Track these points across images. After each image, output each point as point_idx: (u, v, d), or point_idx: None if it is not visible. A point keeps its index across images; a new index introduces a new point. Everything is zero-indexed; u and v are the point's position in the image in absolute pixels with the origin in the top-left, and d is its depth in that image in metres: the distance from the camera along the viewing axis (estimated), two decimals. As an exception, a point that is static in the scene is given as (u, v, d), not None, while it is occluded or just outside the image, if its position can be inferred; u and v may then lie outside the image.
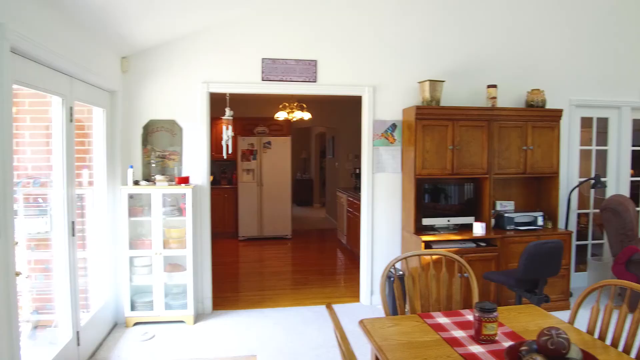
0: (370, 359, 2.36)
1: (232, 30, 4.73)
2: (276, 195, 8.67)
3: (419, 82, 4.87)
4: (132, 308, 4.45)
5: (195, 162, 4.74)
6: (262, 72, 4.79)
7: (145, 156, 4.65)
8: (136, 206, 4.49)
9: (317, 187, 13.24)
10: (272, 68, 4.79)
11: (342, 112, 9.34)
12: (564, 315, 4.14)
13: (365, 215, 5.04)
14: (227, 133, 4.89)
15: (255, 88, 4.82)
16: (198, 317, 4.68)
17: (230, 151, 4.90)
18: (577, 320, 2.51)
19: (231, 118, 4.97)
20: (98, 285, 4.25)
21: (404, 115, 4.91)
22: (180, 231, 4.49)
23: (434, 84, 4.73)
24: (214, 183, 8.80)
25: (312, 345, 4.04)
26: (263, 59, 4.78)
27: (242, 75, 4.77)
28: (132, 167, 4.45)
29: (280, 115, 7.87)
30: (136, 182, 4.47)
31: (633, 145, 5.92)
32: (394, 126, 4.98)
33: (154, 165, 4.66)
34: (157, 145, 4.67)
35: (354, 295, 5.35)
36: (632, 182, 5.97)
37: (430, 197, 4.94)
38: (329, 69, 4.89)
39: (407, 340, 2.18)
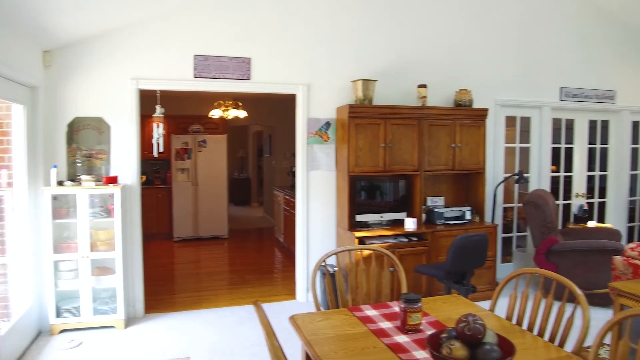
0: (301, 355, 2.38)
1: (163, 26, 4.61)
2: (212, 194, 8.54)
3: (352, 81, 4.94)
4: (58, 315, 4.24)
5: (125, 162, 4.59)
6: (195, 69, 4.70)
7: (71, 155, 4.45)
8: (61, 208, 4.28)
9: (255, 186, 13.15)
10: (204, 65, 4.71)
11: (279, 110, 9.33)
12: (489, 304, 4.35)
13: (300, 213, 5.06)
14: (157, 131, 4.76)
15: (187, 85, 4.72)
16: (129, 321, 4.54)
17: (161, 150, 4.78)
18: (500, 307, 2.63)
19: (162, 116, 4.85)
20: (20, 292, 4.02)
21: (338, 113, 4.98)
22: (108, 233, 4.33)
23: (367, 83, 4.82)
24: (146, 183, 8.56)
25: (246, 344, 4.02)
26: (195, 55, 4.69)
27: (174, 71, 4.66)
28: (55, 166, 4.23)
29: (215, 114, 7.76)
30: (60, 183, 4.26)
31: (553, 143, 6.30)
32: (328, 124, 5.04)
33: (79, 164, 4.46)
34: (83, 144, 4.48)
35: (291, 293, 5.37)
36: (552, 177, 6.34)
37: (366, 195, 5.03)
38: (263, 67, 4.87)
39: (336, 333, 2.21)
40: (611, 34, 6.41)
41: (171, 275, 6.37)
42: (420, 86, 5.13)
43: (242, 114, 7.88)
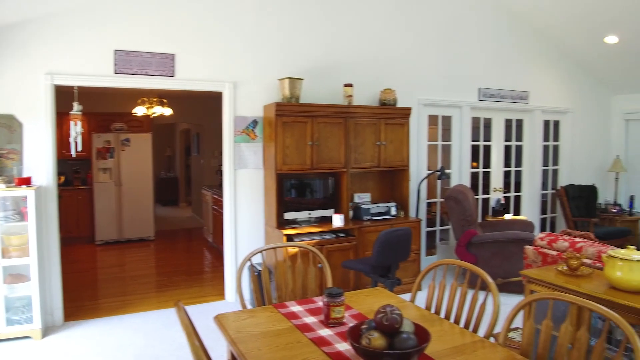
0: (226, 354, 2.36)
1: (81, 18, 4.38)
2: (137, 195, 8.24)
3: (279, 80, 4.95)
4: (-35, 327, 3.95)
5: (39, 162, 4.34)
6: (115, 65, 4.52)
7: (-23, 155, 4.15)
8: (-33, 211, 3.99)
9: (183, 186, 12.83)
10: (125, 61, 4.55)
11: (206, 107, 9.16)
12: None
13: (228, 212, 5.01)
14: (75, 129, 4.54)
15: (107, 82, 4.54)
16: (47, 330, 4.30)
17: (80, 149, 4.56)
18: (422, 297, 2.74)
19: (80, 113, 4.62)
20: None
21: (265, 111, 4.97)
22: (22, 238, 4.08)
23: (294, 81, 4.84)
24: (65, 184, 8.14)
25: (173, 348, 3.93)
26: (116, 50, 4.51)
27: (93, 67, 4.45)
28: (-41, 167, 3.94)
29: (139, 111, 7.50)
30: (-34, 185, 3.96)
31: (472, 141, 6.62)
32: (255, 122, 5.01)
33: (-13, 165, 4.17)
34: (-9, 143, 4.19)
35: (220, 293, 5.30)
36: (472, 173, 6.67)
37: (295, 192, 5.06)
38: (188, 64, 4.76)
39: (260, 330, 2.22)
40: (524, 38, 6.82)
41: (94, 280, 6.10)
42: (346, 85, 5.23)
43: (167, 111, 7.66)
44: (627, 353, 2.55)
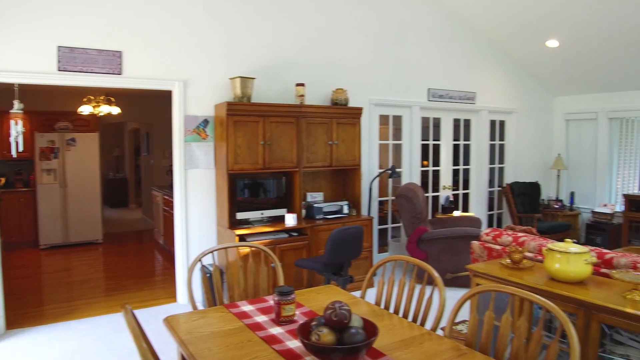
0: (177, 356, 2.33)
1: (23, 12, 4.20)
2: (83, 196, 7.97)
3: (231, 79, 4.91)
4: None
5: (-24, 162, 4.14)
6: (59, 62, 4.36)
7: None
8: None
9: (133, 187, 12.50)
10: (70, 57, 4.39)
11: (156, 106, 8.95)
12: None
13: (179, 213, 4.93)
14: (16, 128, 4.35)
15: (50, 79, 4.36)
16: (-14, 339, 4.11)
17: (21, 149, 4.37)
18: (374, 293, 2.78)
19: (21, 112, 4.44)
20: None
21: (216, 111, 4.92)
22: (-43, 242, 3.89)
23: (245, 80, 4.82)
24: (6, 186, 7.78)
25: (123, 353, 3.83)
26: (59, 47, 4.35)
27: (35, 64, 4.27)
28: None
29: (85, 110, 7.26)
30: None
31: (423, 140, 6.77)
32: (206, 122, 4.95)
33: None
34: None
35: (171, 295, 5.21)
36: (422, 171, 6.83)
37: (249, 192, 5.03)
38: (136, 61, 4.65)
39: (211, 331, 2.20)
40: (472, 41, 7.04)
41: (38, 286, 5.86)
42: (298, 85, 5.24)
43: (115, 110, 7.45)
44: (564, 340, 2.69)
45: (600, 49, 6.50)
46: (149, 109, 9.30)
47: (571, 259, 2.85)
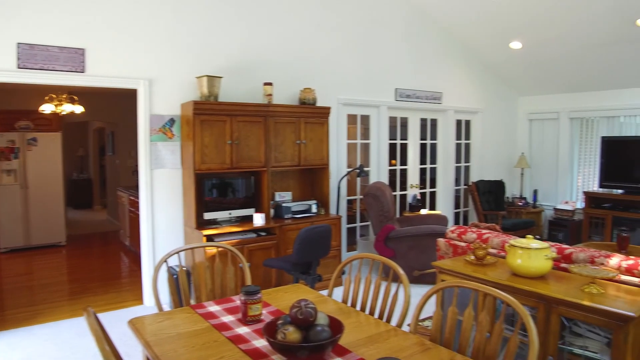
0: (142, 359, 2.30)
1: (-25, 9, 4.07)
2: (46, 198, 7.75)
3: (197, 77, 4.86)
4: None
5: None
6: (18, 59, 4.23)
7: None
8: None
9: (97, 187, 12.22)
10: (30, 55, 4.27)
11: (122, 105, 8.76)
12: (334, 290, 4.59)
13: (144, 214, 4.85)
14: (-27, 128, 4.21)
15: (9, 77, 4.22)
16: (-58, 346, 3.96)
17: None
18: (343, 291, 2.79)
19: (-22, 110, 4.30)
20: None
21: (183, 110, 4.86)
22: None
23: (212, 79, 4.77)
24: (-36, 188, 7.50)
25: (88, 357, 3.75)
26: (19, 43, 4.22)
27: (-8, 61, 4.15)
28: None
29: (47, 108, 7.06)
30: None
31: (390, 139, 6.84)
32: (172, 121, 4.89)
33: None
34: None
35: (138, 298, 5.12)
36: (390, 170, 6.90)
37: (217, 192, 4.99)
38: (100, 59, 4.55)
39: (177, 332, 2.18)
40: (438, 42, 7.15)
41: (-3, 290, 5.68)
42: (266, 84, 5.22)
43: (78, 109, 7.27)
44: (525, 333, 2.76)
45: (561, 51, 6.69)
46: (114, 108, 9.12)
47: (532, 254, 2.93)
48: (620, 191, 7.01)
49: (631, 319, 2.41)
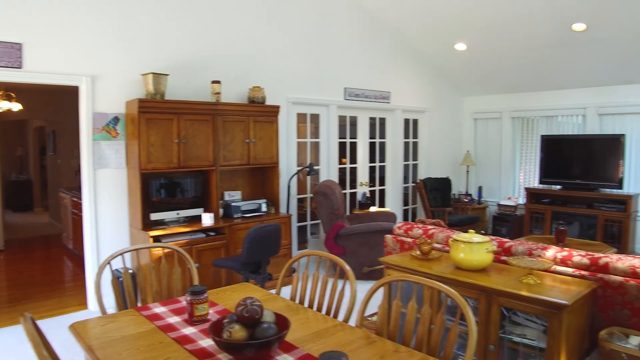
0: (84, 363, 2.24)
1: None
2: (-19, 200, 7.38)
3: (143, 75, 4.75)
4: None
5: None
6: (-53, 54, 4.01)
7: None
8: None
9: (38, 189, 11.71)
10: (-39, 50, 4.05)
11: (63, 103, 8.45)
12: (284, 289, 4.60)
13: (88, 216, 4.69)
14: None
15: (-63, 73, 4.01)
16: None
17: None
18: (295, 289, 2.79)
19: None
20: None
21: (127, 108, 4.73)
22: None
23: (158, 77, 4.67)
24: None
25: (27, 364, 3.61)
26: (-52, 37, 4.01)
27: None
28: None
29: (-19, 107, 6.73)
30: None
31: (340, 138, 6.91)
32: (116, 119, 4.75)
33: None
34: None
35: (82, 302, 4.95)
36: (340, 168, 6.96)
37: (165, 192, 4.88)
38: (39, 55, 4.35)
39: (121, 335, 2.13)
40: (386, 43, 7.28)
41: None
42: (214, 82, 5.16)
43: (16, 106, 6.96)
44: (464, 322, 2.86)
45: (503, 54, 6.96)
46: (55, 106, 8.76)
47: (474, 248, 3.04)
48: (558, 187, 7.36)
49: (565, 306, 2.55)
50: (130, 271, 3.87)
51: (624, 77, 6.74)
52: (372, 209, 6.82)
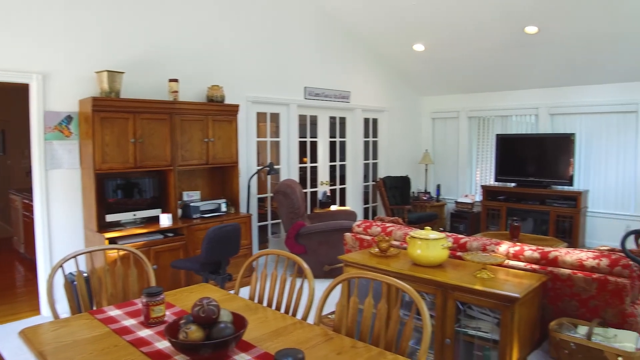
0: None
1: None
2: None
3: (97, 72, 4.62)
4: None
5: None
6: None
7: None
8: None
9: (-12, 191, 11.23)
10: None
11: (13, 101, 8.12)
12: (244, 289, 4.58)
13: (39, 218, 4.54)
14: None
15: None
16: None
17: None
18: (255, 289, 2.78)
19: None
20: None
21: (81, 106, 4.60)
22: None
23: (113, 74, 4.56)
24: None
25: (-25, 374, 3.46)
26: None
27: None
28: None
29: None
30: None
31: (300, 137, 6.92)
32: (69, 118, 4.62)
33: None
34: None
35: (35, 308, 4.78)
36: (301, 167, 6.97)
37: (122, 193, 4.77)
38: (-17, 51, 4.19)
39: (74, 339, 2.08)
40: (347, 43, 7.34)
41: None
42: (171, 80, 5.08)
43: (-38, 106, 6.65)
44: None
45: (459, 54, 7.12)
46: (4, 104, 8.42)
47: (430, 244, 3.10)
48: (513, 184, 7.59)
49: (516, 299, 2.64)
50: (85, 274, 3.77)
51: (574, 79, 7.02)
52: (333, 207, 6.86)
